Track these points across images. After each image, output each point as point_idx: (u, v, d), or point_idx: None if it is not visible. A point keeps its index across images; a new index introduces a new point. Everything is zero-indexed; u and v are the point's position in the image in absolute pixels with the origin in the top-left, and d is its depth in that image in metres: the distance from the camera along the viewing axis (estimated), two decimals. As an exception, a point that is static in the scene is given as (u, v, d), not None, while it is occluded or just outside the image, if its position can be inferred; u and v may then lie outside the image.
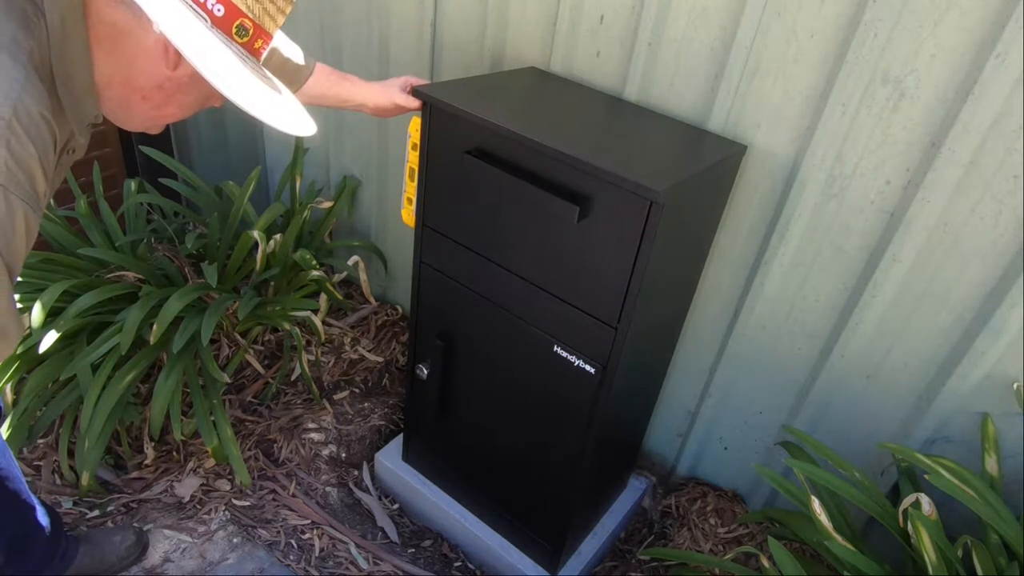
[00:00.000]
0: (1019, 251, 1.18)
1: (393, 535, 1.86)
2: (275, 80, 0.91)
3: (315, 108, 1.88)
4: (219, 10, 0.78)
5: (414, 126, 1.39)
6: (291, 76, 1.31)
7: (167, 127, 2.27)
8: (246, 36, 0.83)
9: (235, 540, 1.72)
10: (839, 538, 1.22)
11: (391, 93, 1.40)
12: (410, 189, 1.47)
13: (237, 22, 0.80)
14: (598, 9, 1.46)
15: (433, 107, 1.31)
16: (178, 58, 0.80)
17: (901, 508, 1.23)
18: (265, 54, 0.89)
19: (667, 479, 1.92)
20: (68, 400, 1.73)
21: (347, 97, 1.41)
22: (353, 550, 1.76)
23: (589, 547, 1.74)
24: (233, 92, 0.78)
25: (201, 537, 1.71)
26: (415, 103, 1.39)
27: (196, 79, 0.81)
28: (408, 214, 1.50)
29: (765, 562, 1.32)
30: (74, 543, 1.55)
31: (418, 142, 1.38)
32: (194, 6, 0.76)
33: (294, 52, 1.30)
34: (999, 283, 1.22)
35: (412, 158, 1.43)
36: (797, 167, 1.34)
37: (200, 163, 2.50)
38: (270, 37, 0.87)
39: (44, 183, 0.75)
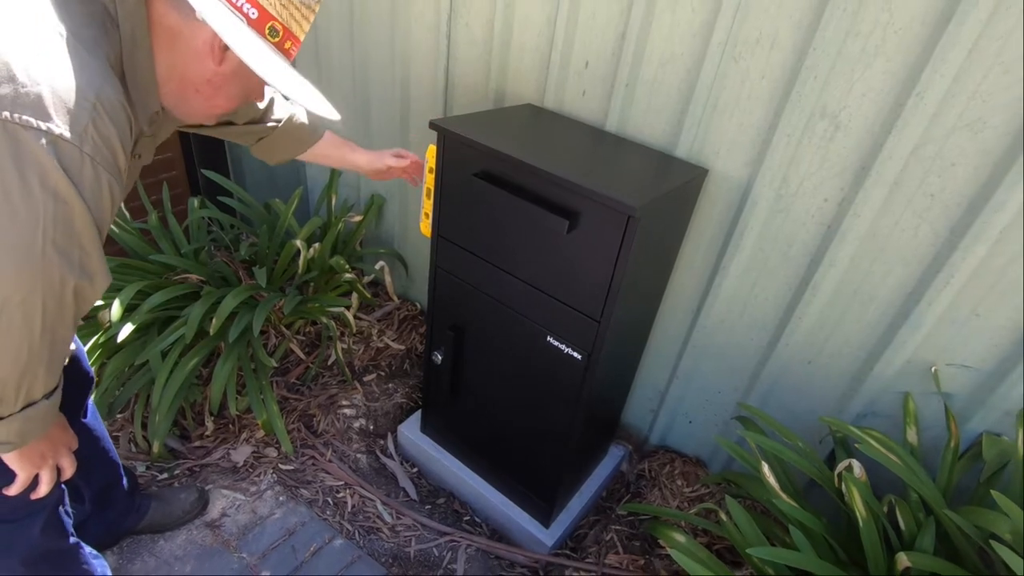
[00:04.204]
0: (935, 257, 1.18)
1: (413, 494, 1.86)
2: (304, 79, 0.92)
3: (351, 136, 1.89)
4: (253, 13, 0.80)
5: (430, 153, 1.39)
6: (305, 137, 1.37)
7: (224, 155, 2.27)
8: (277, 36, 0.84)
9: (281, 498, 1.72)
10: (785, 496, 1.22)
11: (384, 158, 1.48)
12: (427, 206, 1.47)
13: (269, 24, 0.82)
14: (583, 55, 1.46)
15: (447, 137, 1.31)
16: (222, 54, 0.81)
17: (836, 471, 1.23)
18: (295, 55, 0.90)
19: (641, 447, 1.92)
20: (142, 381, 1.73)
21: (347, 159, 1.47)
22: (379, 506, 1.76)
23: (576, 504, 1.74)
24: (270, 76, 0.79)
25: (252, 496, 1.71)
26: (403, 163, 1.47)
27: (239, 73, 0.84)
28: (425, 226, 1.50)
29: (723, 516, 1.32)
30: (147, 500, 1.55)
31: (434, 166, 1.38)
32: (232, 9, 0.78)
33: (309, 122, 1.37)
34: (918, 284, 1.22)
35: (429, 180, 1.43)
36: (750, 187, 1.34)
37: (252, 184, 2.50)
38: (298, 40, 0.88)
39: (124, 159, 0.76)
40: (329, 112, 0.92)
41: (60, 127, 0.66)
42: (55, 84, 0.67)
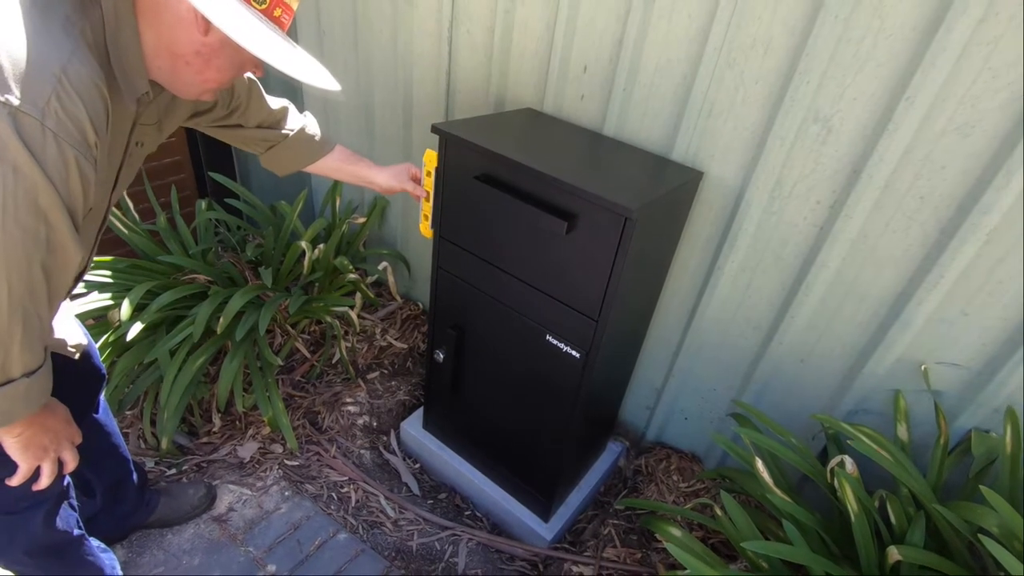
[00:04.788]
0: (925, 258, 1.18)
1: (415, 489, 1.86)
2: (298, 47, 0.86)
3: (355, 139, 1.87)
4: None
5: (428, 156, 1.39)
6: (316, 149, 1.34)
7: (231, 159, 2.26)
8: (264, 3, 0.79)
9: (286, 493, 1.72)
10: (778, 492, 1.22)
11: (402, 180, 1.42)
12: (426, 208, 1.47)
13: None
14: (582, 61, 1.46)
15: (448, 140, 1.31)
16: (206, 24, 0.77)
17: (829, 467, 1.23)
18: (288, 25, 0.85)
19: (638, 443, 1.92)
20: (150, 379, 1.73)
21: (361, 175, 1.42)
22: (383, 501, 1.76)
23: (575, 499, 1.74)
24: (254, 45, 0.75)
25: (259, 491, 1.71)
26: (421, 192, 1.42)
27: (227, 43, 0.79)
28: (425, 228, 1.50)
29: (718, 511, 1.32)
30: (156, 495, 1.55)
31: (432, 170, 1.38)
32: None
33: (320, 134, 1.34)
34: (908, 284, 1.22)
35: (427, 183, 1.43)
36: (744, 190, 1.34)
37: (258, 186, 2.50)
38: (289, 8, 0.83)
39: (94, 136, 0.72)
40: (328, 83, 0.87)
41: (19, 99, 0.63)
42: (15, 56, 0.64)
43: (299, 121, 1.31)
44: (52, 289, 0.77)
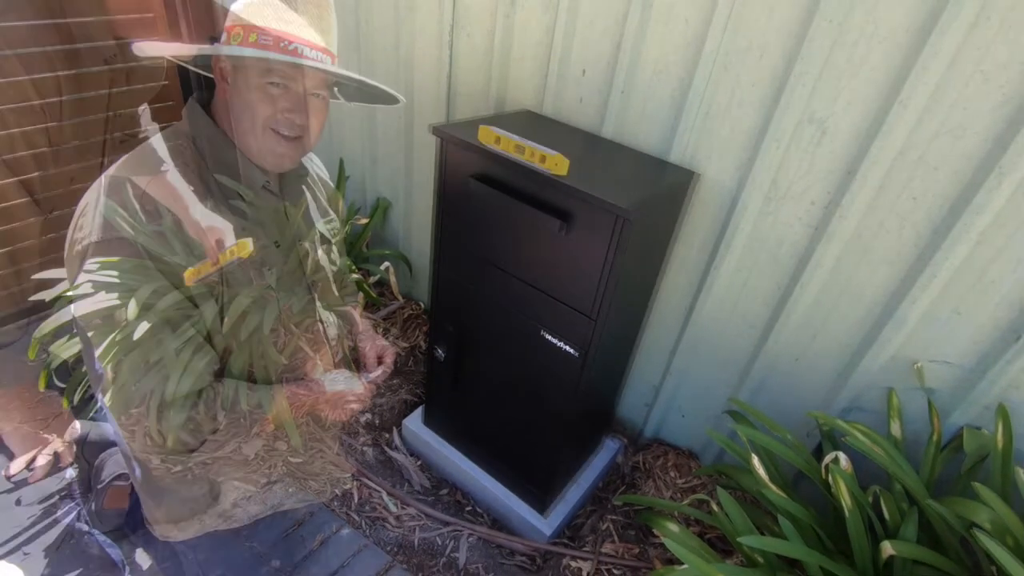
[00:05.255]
0: (918, 258, 1.18)
1: (417, 486, 1.86)
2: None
3: (357, 142, 1.85)
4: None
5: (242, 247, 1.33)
6: None
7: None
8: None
9: (290, 490, 1.72)
10: (774, 487, 1.22)
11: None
12: (203, 268, 1.33)
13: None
14: (581, 64, 1.46)
15: (447, 141, 1.31)
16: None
17: (824, 464, 1.23)
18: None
19: (636, 440, 1.92)
20: (157, 378, 1.73)
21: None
22: (385, 497, 1.76)
23: (573, 495, 1.74)
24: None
25: (263, 487, 1.71)
26: (213, 256, 1.33)
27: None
28: (190, 274, 1.37)
29: (715, 507, 1.32)
30: (161, 491, 1.55)
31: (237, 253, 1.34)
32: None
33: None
34: (902, 283, 1.22)
35: (224, 256, 1.33)
36: (740, 191, 1.34)
37: (262, 187, 2.50)
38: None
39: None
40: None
41: None
42: None
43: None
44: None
